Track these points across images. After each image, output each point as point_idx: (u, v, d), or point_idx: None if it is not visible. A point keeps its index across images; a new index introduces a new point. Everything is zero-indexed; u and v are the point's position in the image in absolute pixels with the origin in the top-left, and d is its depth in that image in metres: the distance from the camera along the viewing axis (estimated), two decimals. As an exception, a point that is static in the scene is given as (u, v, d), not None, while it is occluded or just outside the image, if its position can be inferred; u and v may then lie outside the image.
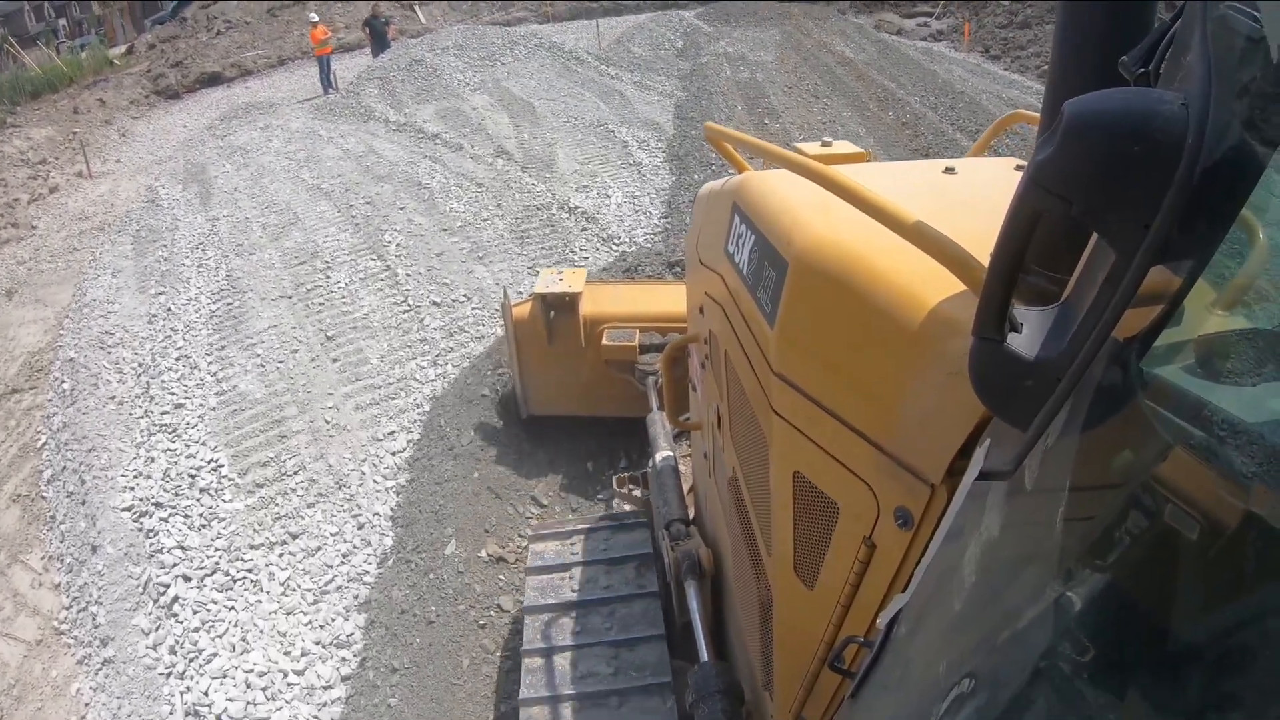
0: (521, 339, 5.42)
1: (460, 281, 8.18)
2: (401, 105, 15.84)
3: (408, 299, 7.87)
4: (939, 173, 1.96)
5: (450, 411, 6.11)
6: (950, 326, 1.21)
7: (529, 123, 13.76)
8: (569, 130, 13.21)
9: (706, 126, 2.41)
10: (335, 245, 9.26)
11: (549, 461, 5.79)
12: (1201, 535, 0.69)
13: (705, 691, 2.38)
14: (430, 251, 8.84)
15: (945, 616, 1.06)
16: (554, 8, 27.02)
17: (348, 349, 7.17)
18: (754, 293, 1.80)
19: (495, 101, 15.39)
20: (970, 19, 19.47)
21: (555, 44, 19.50)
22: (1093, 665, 0.77)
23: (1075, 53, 1.01)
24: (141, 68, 24.25)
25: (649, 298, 5.47)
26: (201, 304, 8.43)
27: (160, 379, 7.09)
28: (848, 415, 1.44)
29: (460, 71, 17.44)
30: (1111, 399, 0.80)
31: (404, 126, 14.21)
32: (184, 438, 6.26)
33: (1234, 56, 0.65)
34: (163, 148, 16.39)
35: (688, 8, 25.85)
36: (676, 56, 18.80)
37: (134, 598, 4.84)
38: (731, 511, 2.39)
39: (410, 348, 7.12)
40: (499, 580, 4.80)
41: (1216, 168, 0.64)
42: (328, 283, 8.36)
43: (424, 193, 10.60)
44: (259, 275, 8.80)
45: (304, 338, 7.42)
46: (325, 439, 6.03)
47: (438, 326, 7.38)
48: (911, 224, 1.20)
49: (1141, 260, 0.69)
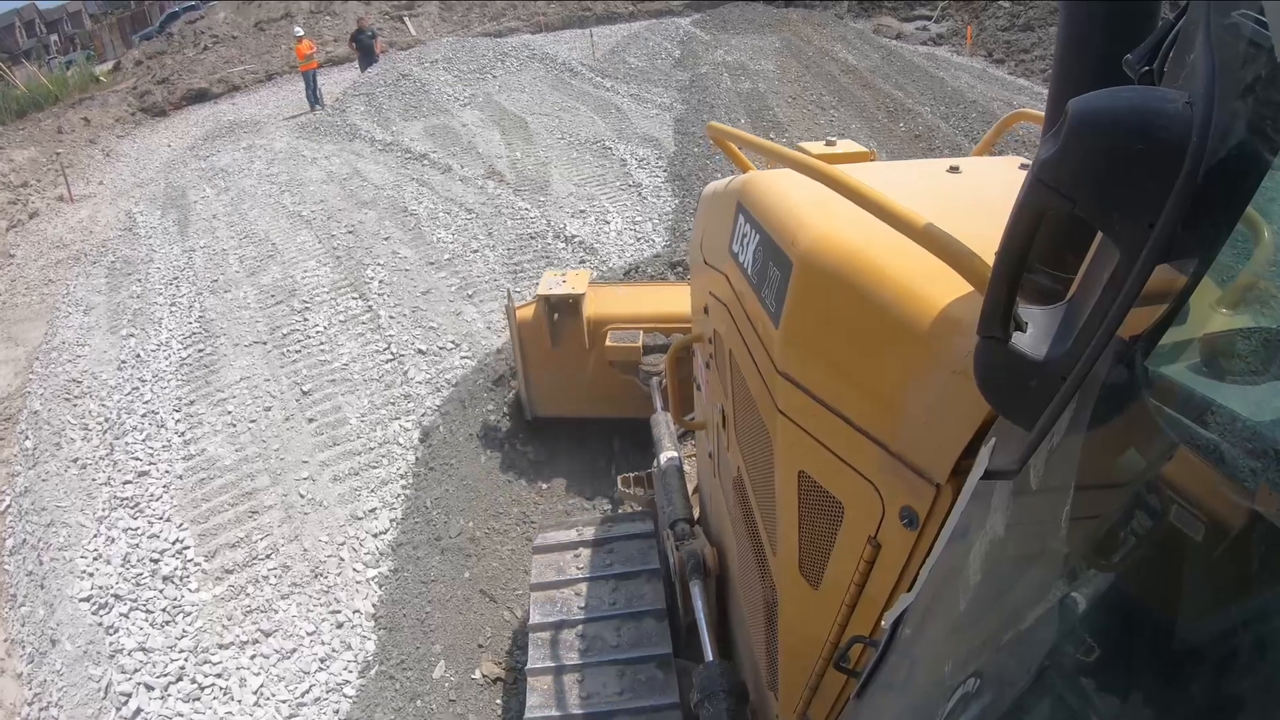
0: (526, 341, 5.44)
1: (448, 325, 7.53)
2: (388, 123, 15.20)
3: (390, 346, 7.24)
4: (943, 172, 1.96)
5: (437, 488, 5.51)
6: (955, 325, 1.21)
7: (521, 140, 13.22)
8: (564, 148, 12.63)
9: (710, 126, 2.41)
10: (314, 281, 8.69)
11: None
12: (1206, 536, 0.69)
13: (710, 691, 2.39)
14: (415, 289, 8.25)
15: (950, 616, 1.06)
16: (546, 17, 26.60)
17: (325, 406, 6.57)
18: (758, 292, 1.81)
19: (486, 117, 14.79)
20: (972, 22, 19.32)
21: (548, 55, 18.86)
22: (1098, 665, 0.77)
23: (1079, 51, 1.01)
24: (127, 85, 23.98)
25: (652, 299, 5.48)
26: (172, 349, 7.82)
27: (125, 440, 6.52)
28: (852, 414, 1.44)
29: (449, 86, 16.85)
30: (1116, 398, 0.80)
31: (390, 146, 13.65)
32: (147, 513, 5.67)
33: (1238, 55, 0.66)
34: (145, 169, 15.93)
35: (683, 14, 25.46)
36: (674, 67, 18.19)
37: (95, 703, 4.37)
38: (736, 511, 2.39)
39: (393, 405, 6.51)
40: (495, 707, 4.23)
41: (1221, 166, 0.64)
42: (305, 326, 7.75)
43: (410, 220, 10.05)
44: (233, 316, 8.23)
45: (278, 392, 6.84)
46: (300, 516, 5.42)
47: (423, 380, 6.76)
48: (916, 223, 1.20)
49: (1146, 259, 0.69)
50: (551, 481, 5.74)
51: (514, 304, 5.41)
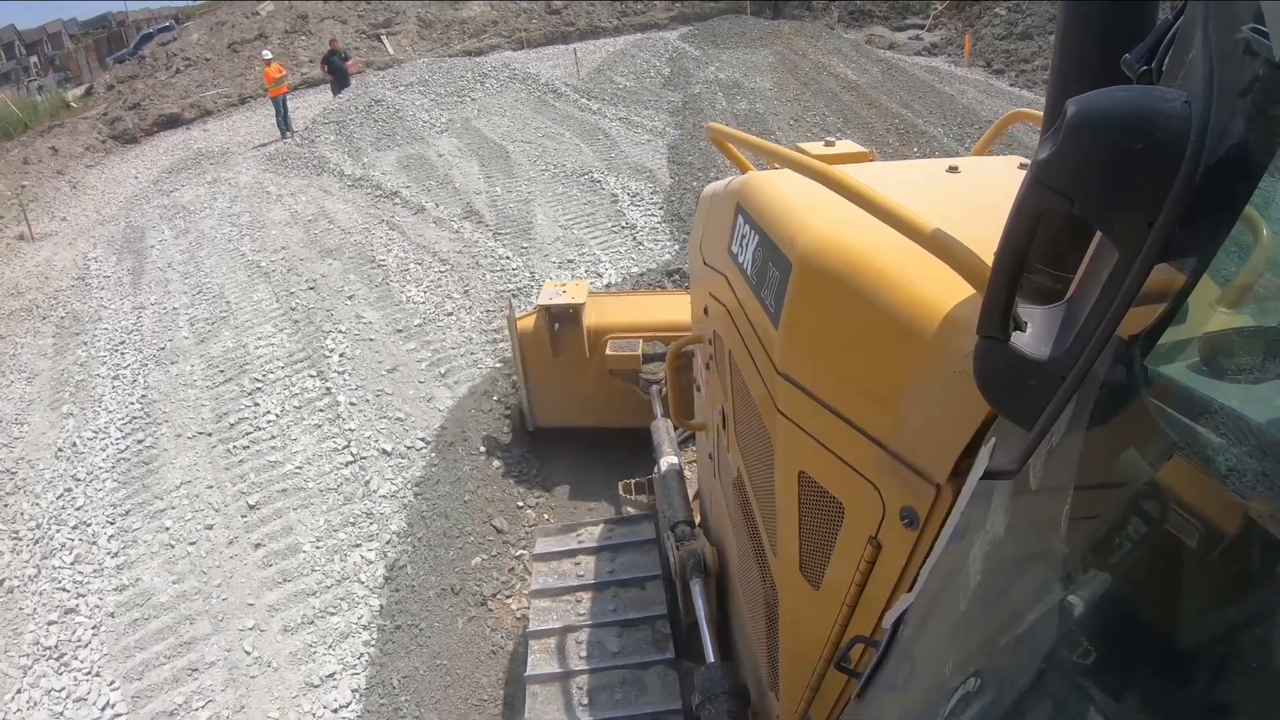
0: (527, 351, 5.51)
1: (417, 416, 6.47)
2: (360, 153, 14.15)
3: (351, 443, 6.15)
4: (942, 172, 1.97)
5: (405, 660, 4.44)
6: (954, 325, 1.21)
7: (502, 172, 12.17)
8: (548, 181, 11.55)
9: (709, 127, 2.42)
10: (268, 353, 7.69)
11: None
12: (1201, 542, 0.70)
13: (711, 692, 2.39)
14: (381, 366, 7.18)
15: (951, 616, 1.06)
16: (528, 33, 25.64)
17: (274, 526, 5.51)
18: (758, 293, 1.81)
19: (464, 145, 13.78)
20: (968, 31, 18.92)
21: (530, 75, 17.82)
22: (1098, 665, 0.78)
23: (1077, 51, 1.01)
24: (98, 111, 23.05)
25: (651, 307, 5.57)
26: (110, 438, 6.84)
27: (52, 561, 5.54)
28: (852, 415, 1.44)
29: (425, 110, 15.81)
30: (1116, 397, 0.80)
31: (360, 181, 12.58)
32: (74, 666, 4.73)
33: (1236, 54, 0.66)
34: (110, 203, 15.03)
35: (669, 28, 24.51)
36: (664, 86, 17.16)
37: None
38: (737, 512, 2.39)
39: (354, 526, 5.41)
40: None
41: (1219, 165, 0.64)
42: (255, 414, 6.74)
43: (377, 273, 9.03)
44: (177, 398, 7.25)
45: (221, 504, 5.81)
46: (246, 680, 4.51)
47: (387, 493, 5.64)
48: (915, 223, 1.20)
49: (1145, 258, 0.69)
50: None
51: (515, 314, 5.49)
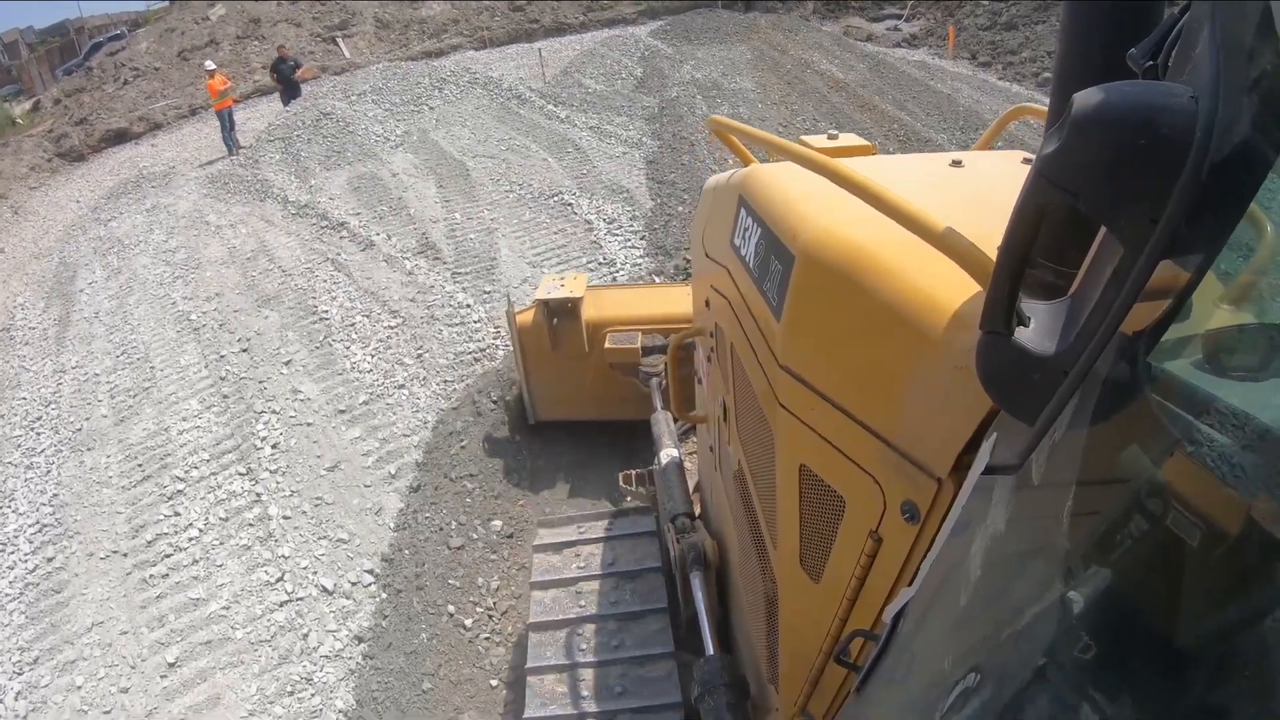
0: (526, 345, 5.54)
1: (363, 536, 5.18)
2: (307, 174, 12.87)
3: (285, 575, 4.96)
4: (946, 166, 1.96)
5: None
6: (957, 320, 1.21)
7: (462, 194, 11.01)
8: (513, 205, 10.33)
9: (710, 119, 2.41)
10: (193, 440, 6.49)
11: None
12: (1202, 540, 0.70)
13: (711, 685, 2.41)
14: (320, 463, 5.89)
15: (951, 610, 1.06)
16: (491, 31, 24.82)
17: (199, 695, 4.37)
18: (760, 286, 1.81)
19: (420, 162, 12.62)
20: (949, 20, 18.62)
21: (492, 79, 16.72)
22: (1098, 661, 0.78)
23: (1083, 45, 1.01)
24: (43, 128, 22.28)
25: (650, 300, 5.59)
26: (20, 552, 5.72)
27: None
28: (854, 409, 1.44)
29: (379, 122, 14.71)
30: (1119, 393, 0.80)
31: (305, 209, 11.33)
32: None
33: (1243, 50, 0.66)
34: (49, 233, 14.03)
35: (638, 23, 23.74)
36: (637, 89, 15.95)
37: None
38: (737, 505, 2.40)
39: (292, 696, 4.24)
40: None
41: (1225, 162, 0.64)
42: (175, 527, 5.55)
43: (319, 329, 7.77)
44: (90, 499, 6.09)
45: (137, 658, 4.66)
46: None
47: (330, 651, 4.43)
48: (918, 217, 1.20)
49: (1149, 255, 0.69)
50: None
51: (514, 309, 5.50)
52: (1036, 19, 17.29)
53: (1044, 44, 15.93)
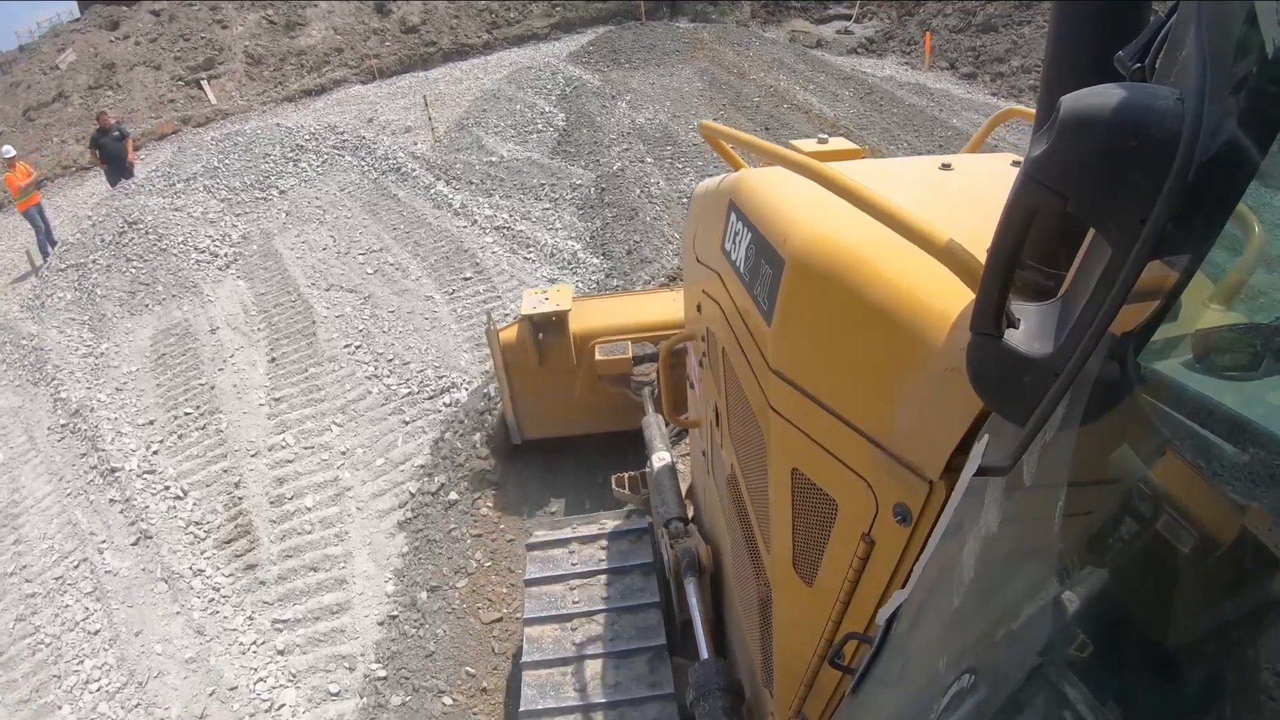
0: (510, 365, 5.38)
1: None
2: (102, 329, 8.85)
3: None
4: (935, 169, 1.97)
5: None
6: (948, 322, 1.21)
7: (300, 382, 7.23)
8: (379, 404, 6.66)
9: (701, 125, 2.39)
10: None
11: None
12: (1192, 540, 0.70)
13: (706, 689, 2.41)
14: None
15: (945, 612, 1.07)
16: (380, 60, 21.47)
17: None
18: (751, 290, 1.82)
19: (252, 302, 8.86)
20: (925, 29, 16.64)
21: (364, 142, 12.29)
22: (1091, 661, 0.78)
23: (1070, 48, 1.01)
24: None
25: (638, 308, 5.48)
26: None
27: None
28: (845, 412, 1.45)
29: (206, 225, 10.53)
30: (1109, 394, 0.81)
31: (81, 409, 7.27)
32: None
33: (1229, 51, 0.66)
34: None
35: (551, 38, 20.64)
36: (559, 147, 11.94)
37: None
38: (730, 509, 2.40)
39: None
40: None
41: (1212, 162, 0.64)
42: None
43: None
44: None
45: None
46: None
47: None
48: (908, 220, 1.20)
49: (1138, 255, 0.69)
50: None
51: (495, 327, 5.35)
52: (1018, 19, 15.66)
53: (1036, 50, 14.32)
